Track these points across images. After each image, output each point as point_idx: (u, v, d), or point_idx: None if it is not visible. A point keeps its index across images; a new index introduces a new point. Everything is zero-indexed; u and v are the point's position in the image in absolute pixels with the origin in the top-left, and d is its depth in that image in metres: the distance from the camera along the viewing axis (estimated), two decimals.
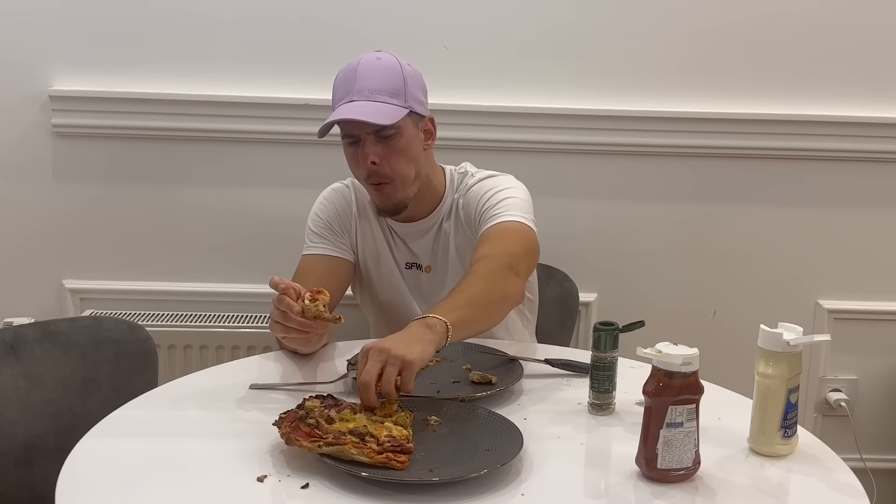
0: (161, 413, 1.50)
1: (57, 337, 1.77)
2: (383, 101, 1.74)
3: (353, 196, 1.95)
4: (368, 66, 1.76)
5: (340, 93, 1.77)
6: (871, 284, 2.53)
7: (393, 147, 1.76)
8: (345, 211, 1.94)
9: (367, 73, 1.75)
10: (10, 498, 1.66)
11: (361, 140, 1.76)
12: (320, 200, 1.97)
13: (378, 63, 1.77)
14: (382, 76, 1.75)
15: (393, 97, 1.75)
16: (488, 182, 1.89)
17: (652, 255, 2.49)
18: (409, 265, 1.94)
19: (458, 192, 1.92)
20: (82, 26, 2.32)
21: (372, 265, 1.95)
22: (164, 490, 1.23)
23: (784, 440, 1.35)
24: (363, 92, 1.73)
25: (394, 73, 1.77)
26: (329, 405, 1.37)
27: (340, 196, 1.95)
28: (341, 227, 1.93)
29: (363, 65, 1.76)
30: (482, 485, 1.24)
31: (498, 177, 1.91)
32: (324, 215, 1.93)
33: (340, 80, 1.79)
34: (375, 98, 1.73)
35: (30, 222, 2.42)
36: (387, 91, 1.75)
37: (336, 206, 1.94)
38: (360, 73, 1.75)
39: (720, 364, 1.72)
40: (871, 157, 2.45)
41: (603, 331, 1.50)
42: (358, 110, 1.72)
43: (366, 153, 1.75)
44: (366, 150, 1.75)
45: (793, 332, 1.34)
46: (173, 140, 2.39)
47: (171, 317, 2.37)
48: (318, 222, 1.93)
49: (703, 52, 2.39)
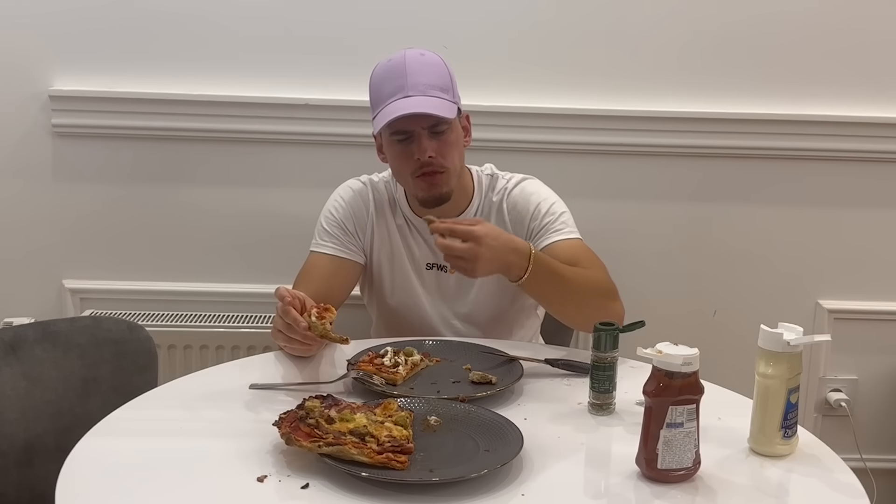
0: (161, 413, 1.50)
1: (57, 337, 1.77)
2: (437, 97, 1.75)
3: (370, 195, 1.93)
4: (416, 62, 1.77)
5: (390, 88, 1.76)
6: (871, 284, 2.53)
7: (445, 141, 1.78)
8: (361, 211, 1.92)
9: (418, 69, 1.76)
10: (10, 498, 1.66)
11: (416, 135, 1.76)
12: (336, 198, 1.94)
13: (424, 59, 1.78)
14: (432, 72, 1.77)
15: (444, 92, 1.77)
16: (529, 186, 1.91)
17: (652, 255, 2.49)
18: (430, 266, 1.92)
19: (496, 194, 1.91)
20: (82, 26, 2.32)
21: (386, 266, 1.93)
22: (164, 490, 1.23)
23: (784, 440, 1.35)
24: (417, 87, 1.74)
25: (441, 70, 1.79)
26: (329, 405, 1.37)
27: (357, 195, 1.93)
28: (355, 228, 1.91)
29: (410, 61, 1.77)
30: (482, 485, 1.24)
31: (532, 180, 1.93)
32: (338, 214, 1.91)
33: (386, 75, 1.79)
34: (430, 93, 1.75)
35: (30, 222, 2.42)
36: (439, 87, 1.76)
37: (352, 206, 1.92)
38: (410, 68, 1.75)
39: (720, 364, 1.72)
40: (872, 157, 2.45)
41: (603, 331, 1.50)
42: (422, 104, 1.73)
43: (424, 148, 1.76)
44: (423, 145, 1.76)
45: (793, 332, 1.34)
46: (173, 140, 2.39)
47: (171, 317, 2.38)
48: (332, 221, 1.91)
49: (703, 52, 2.39)
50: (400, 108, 1.73)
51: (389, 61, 1.79)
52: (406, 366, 1.61)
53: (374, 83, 1.82)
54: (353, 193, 1.94)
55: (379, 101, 1.79)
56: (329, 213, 1.92)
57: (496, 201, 1.90)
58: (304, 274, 1.86)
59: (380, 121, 1.76)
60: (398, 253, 1.92)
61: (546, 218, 1.86)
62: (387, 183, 1.95)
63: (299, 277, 1.86)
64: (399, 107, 1.73)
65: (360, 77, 2.34)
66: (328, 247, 1.89)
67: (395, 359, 1.62)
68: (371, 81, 1.83)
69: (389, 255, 1.93)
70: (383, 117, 1.75)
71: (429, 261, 1.92)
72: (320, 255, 1.89)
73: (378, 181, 1.95)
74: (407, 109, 1.72)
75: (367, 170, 1.99)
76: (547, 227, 1.86)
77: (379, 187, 1.94)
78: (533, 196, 1.89)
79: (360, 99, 2.33)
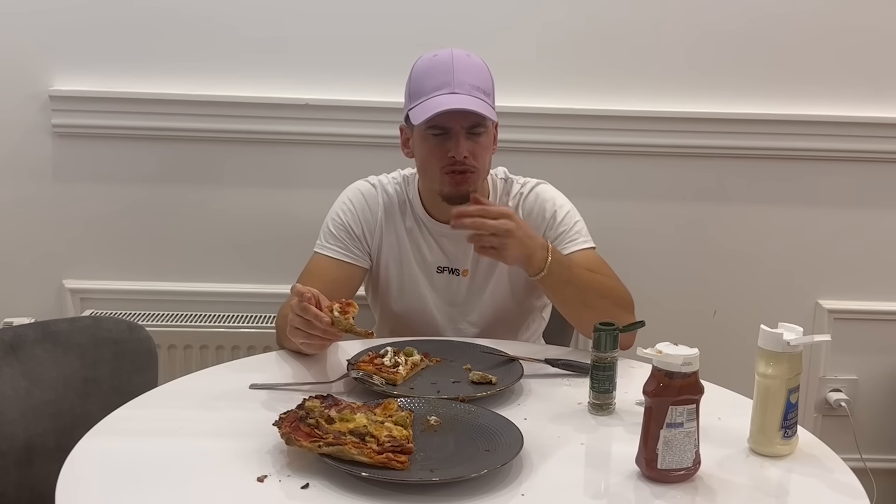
0: (161, 413, 1.50)
1: (57, 337, 1.77)
2: (481, 99, 1.76)
3: (380, 199, 1.91)
4: (464, 62, 1.77)
5: (434, 83, 1.75)
6: (871, 284, 2.53)
7: (480, 143, 1.78)
8: (368, 215, 1.90)
9: (465, 69, 1.76)
10: (10, 498, 1.66)
11: (454, 133, 1.76)
12: (344, 201, 1.92)
13: (470, 60, 1.79)
14: (478, 74, 1.78)
15: (486, 96, 1.78)
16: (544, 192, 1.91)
17: (652, 255, 2.49)
18: (441, 269, 1.91)
19: (512, 199, 1.90)
20: (82, 26, 2.32)
21: (394, 270, 1.91)
22: (164, 490, 1.23)
23: (784, 440, 1.35)
24: (464, 86, 1.74)
25: (485, 73, 1.80)
26: (329, 405, 1.37)
27: (366, 198, 1.91)
28: (363, 232, 1.89)
29: (458, 59, 1.77)
30: (482, 485, 1.24)
31: (545, 185, 1.94)
32: (345, 218, 1.89)
33: (431, 69, 1.78)
34: (475, 94, 1.75)
35: (30, 222, 2.42)
36: (482, 89, 1.77)
37: (359, 210, 1.90)
38: (458, 66, 1.76)
39: (720, 364, 1.72)
40: (871, 157, 2.45)
41: (603, 331, 1.50)
42: (470, 102, 1.73)
43: (461, 147, 1.75)
44: (461, 145, 1.75)
45: (793, 332, 1.34)
46: (173, 140, 2.39)
47: (171, 317, 2.38)
48: (338, 224, 1.89)
49: (703, 52, 2.39)
50: (446, 103, 1.72)
51: (435, 56, 1.78)
52: (406, 366, 1.61)
53: (415, 75, 1.80)
54: (361, 196, 1.91)
55: (420, 94, 1.77)
56: (336, 215, 1.90)
57: (511, 206, 1.89)
58: (307, 274, 1.86)
59: (420, 113, 1.74)
60: (407, 257, 1.91)
61: (561, 227, 1.87)
62: (398, 184, 1.93)
63: (303, 278, 1.85)
64: (444, 101, 1.72)
65: (361, 77, 2.37)
66: (333, 250, 1.88)
67: (395, 359, 1.62)
68: (412, 73, 1.81)
69: (398, 259, 1.91)
70: (425, 110, 1.73)
71: (440, 264, 1.90)
72: (324, 258, 1.88)
73: (388, 183, 1.93)
74: (454, 105, 1.71)
75: (366, 170, 1.99)
76: (562, 236, 1.86)
77: (389, 189, 1.92)
78: (548, 203, 1.89)
79: (360, 99, 2.36)
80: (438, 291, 1.91)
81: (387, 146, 2.36)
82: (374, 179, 1.94)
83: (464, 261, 1.90)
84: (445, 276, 1.91)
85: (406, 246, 1.90)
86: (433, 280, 1.91)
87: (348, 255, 1.88)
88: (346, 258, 1.88)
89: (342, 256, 1.88)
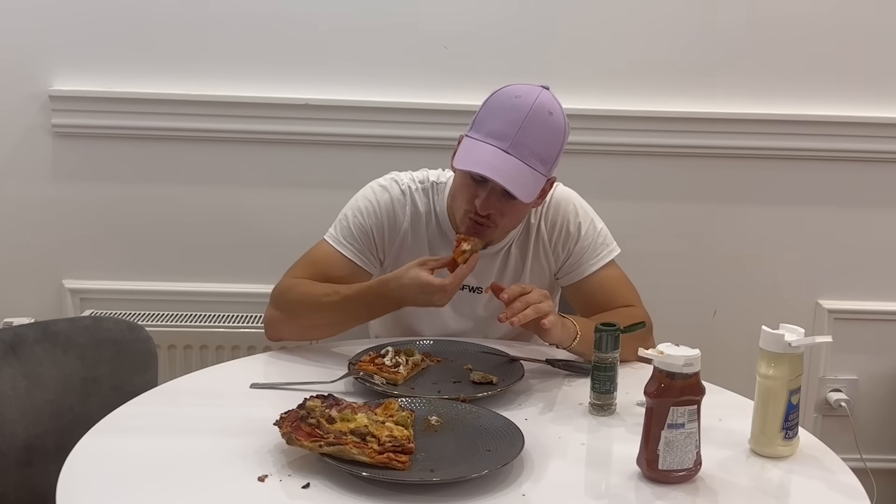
0: (161, 412, 1.50)
1: (57, 337, 1.77)
2: (534, 168, 1.63)
3: (408, 207, 1.82)
4: (538, 121, 1.63)
5: (497, 126, 1.63)
6: (871, 284, 2.53)
7: (513, 206, 1.67)
8: (392, 224, 1.82)
9: (534, 131, 1.62)
10: (10, 498, 1.66)
11: (488, 187, 1.64)
12: (371, 200, 1.82)
13: (548, 120, 1.64)
14: (546, 139, 1.65)
15: (543, 164, 1.65)
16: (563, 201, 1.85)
17: (652, 255, 2.49)
18: (463, 286, 1.76)
19: (534, 216, 1.83)
20: (82, 26, 2.32)
21: None
22: (165, 489, 1.23)
23: (785, 441, 1.35)
24: (521, 148, 1.61)
25: (556, 140, 1.66)
26: (330, 405, 1.37)
27: (394, 205, 1.82)
28: (382, 240, 1.82)
29: (534, 115, 1.62)
30: (483, 485, 1.24)
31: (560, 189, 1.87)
32: (368, 220, 1.81)
33: (503, 110, 1.64)
34: (529, 161, 1.62)
35: (30, 222, 2.42)
36: (541, 158, 1.64)
37: (385, 216, 1.81)
38: (529, 124, 1.62)
39: (721, 365, 1.72)
40: (871, 157, 2.45)
41: (604, 331, 1.50)
42: (510, 175, 1.60)
43: (486, 205, 1.66)
44: (488, 203, 1.66)
45: (794, 333, 1.34)
46: (173, 140, 2.39)
47: (171, 317, 2.37)
48: (358, 225, 1.81)
49: (703, 52, 2.39)
50: (487, 165, 1.61)
51: (517, 98, 1.64)
52: (407, 366, 1.61)
53: (488, 106, 1.68)
54: (389, 201, 1.82)
55: (479, 129, 1.66)
56: (360, 212, 1.81)
57: (534, 223, 1.84)
58: (310, 261, 1.81)
59: (465, 156, 1.65)
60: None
61: (586, 241, 1.83)
62: (426, 189, 1.85)
63: (305, 262, 1.81)
64: (488, 161, 1.61)
65: (360, 77, 2.36)
66: (347, 248, 1.80)
67: (395, 359, 1.62)
68: (488, 102, 1.69)
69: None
70: (470, 158, 1.64)
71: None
72: (335, 252, 1.81)
73: (416, 188, 1.84)
74: (492, 173, 1.60)
75: (366, 170, 1.95)
76: (587, 253, 1.83)
77: (417, 199, 1.83)
78: (571, 216, 1.84)
79: (360, 99, 2.36)
80: (457, 307, 1.85)
81: (387, 146, 2.37)
82: (404, 183, 1.84)
83: (486, 278, 1.83)
84: (466, 293, 1.83)
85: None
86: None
87: (361, 258, 1.81)
88: (357, 260, 1.81)
89: (354, 258, 1.81)
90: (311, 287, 1.76)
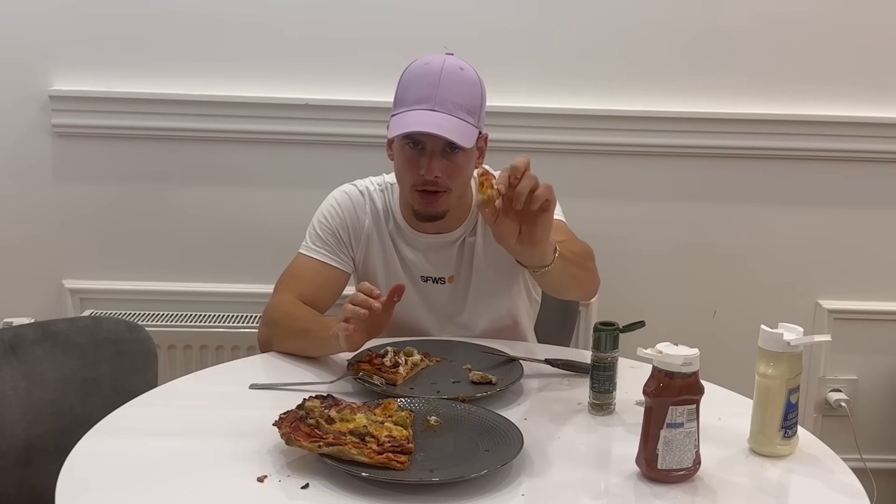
0: (161, 413, 1.50)
1: (57, 337, 1.77)
2: (462, 119, 1.69)
3: (367, 206, 1.88)
4: (452, 77, 1.70)
5: (416, 95, 1.70)
6: (871, 284, 2.53)
7: (456, 163, 1.73)
8: (356, 222, 1.87)
9: (451, 85, 1.69)
10: (10, 498, 1.66)
11: (428, 151, 1.71)
12: (332, 204, 1.89)
13: (461, 74, 1.72)
14: (465, 91, 1.71)
15: (470, 115, 1.71)
16: None
17: (652, 255, 2.49)
18: (424, 279, 1.87)
19: None
20: (82, 26, 2.32)
21: (382, 278, 1.88)
22: (164, 490, 1.23)
23: (784, 440, 1.35)
24: (445, 104, 1.68)
25: (475, 91, 1.73)
26: (329, 405, 1.37)
27: (354, 204, 1.88)
28: (349, 238, 1.87)
29: (447, 73, 1.70)
30: (482, 485, 1.24)
31: None
32: (333, 222, 1.86)
33: (417, 79, 1.72)
34: (456, 113, 1.69)
35: (30, 222, 2.42)
36: (466, 108, 1.70)
37: (347, 216, 1.87)
38: (445, 81, 1.69)
39: (720, 364, 1.72)
40: (871, 157, 2.45)
41: (603, 331, 1.50)
42: (443, 125, 1.67)
43: (432, 167, 1.70)
44: (433, 165, 1.71)
45: (793, 332, 1.34)
46: (173, 140, 2.39)
47: (171, 317, 2.38)
48: (325, 228, 1.86)
49: (703, 52, 2.39)
50: (419, 123, 1.67)
51: (426, 65, 1.72)
52: (406, 366, 1.61)
53: (403, 82, 1.75)
54: (348, 202, 1.88)
55: (401, 103, 1.73)
56: (323, 218, 1.88)
57: None
58: (291, 276, 1.84)
59: (396, 126, 1.70)
60: (394, 266, 1.88)
61: None
62: (383, 190, 1.90)
63: (286, 278, 1.85)
64: (419, 120, 1.67)
65: (360, 77, 2.37)
66: (320, 252, 1.85)
67: (395, 359, 1.61)
68: (402, 79, 1.76)
69: (385, 268, 1.89)
70: (400, 125, 1.69)
71: (424, 273, 1.88)
72: (310, 260, 1.86)
73: (374, 189, 1.90)
74: (425, 127, 1.66)
75: (367, 170, 1.97)
76: None
77: (375, 197, 1.88)
78: None
79: (360, 99, 2.36)
80: (426, 299, 1.88)
81: None
82: (362, 185, 1.91)
83: (447, 268, 1.87)
84: (430, 284, 1.88)
85: (392, 255, 1.88)
86: (418, 286, 1.88)
87: (334, 258, 1.86)
88: (331, 261, 1.85)
89: (328, 260, 1.85)
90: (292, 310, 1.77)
